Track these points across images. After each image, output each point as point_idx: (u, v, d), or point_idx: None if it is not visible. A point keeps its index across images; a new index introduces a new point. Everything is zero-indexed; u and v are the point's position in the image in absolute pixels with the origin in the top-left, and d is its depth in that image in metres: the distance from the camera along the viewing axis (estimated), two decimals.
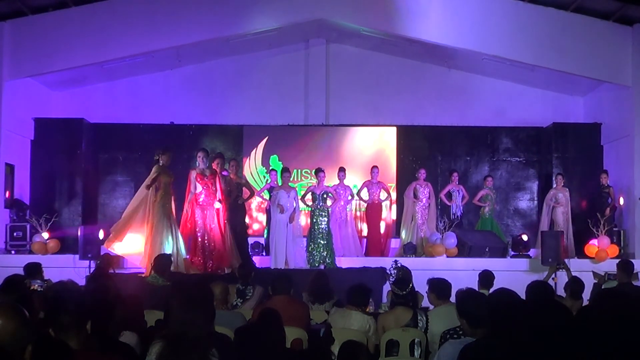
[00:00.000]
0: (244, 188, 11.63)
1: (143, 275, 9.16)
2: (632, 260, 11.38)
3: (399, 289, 5.89)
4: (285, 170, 11.40)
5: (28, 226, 11.69)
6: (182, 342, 3.05)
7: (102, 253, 10.28)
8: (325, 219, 11.29)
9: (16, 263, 8.86)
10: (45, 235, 11.50)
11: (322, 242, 11.10)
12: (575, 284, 7.20)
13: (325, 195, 11.45)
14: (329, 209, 11.50)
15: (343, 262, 11.23)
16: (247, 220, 11.90)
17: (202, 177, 10.29)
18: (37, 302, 4.82)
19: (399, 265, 8.97)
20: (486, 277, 7.39)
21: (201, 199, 10.25)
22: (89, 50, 12.23)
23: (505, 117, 14.13)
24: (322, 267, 10.69)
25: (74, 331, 3.01)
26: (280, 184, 11.41)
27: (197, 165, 10.44)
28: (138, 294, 5.36)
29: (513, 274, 10.32)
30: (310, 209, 11.66)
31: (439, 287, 5.85)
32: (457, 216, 12.83)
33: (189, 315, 3.11)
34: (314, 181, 12.15)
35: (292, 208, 11.02)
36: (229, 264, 10.39)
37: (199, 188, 10.27)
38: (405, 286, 5.93)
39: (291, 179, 11.93)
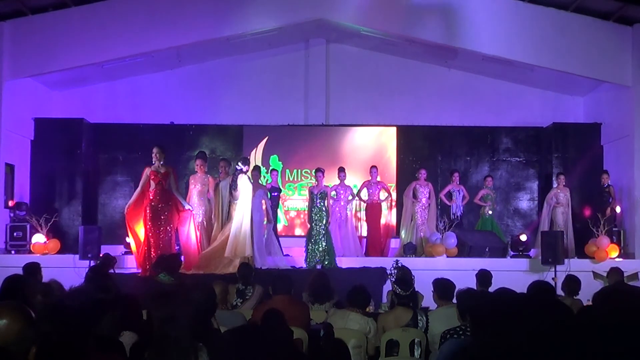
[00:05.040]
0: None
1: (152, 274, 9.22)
2: (632, 260, 11.52)
3: (402, 290, 5.89)
4: (254, 169, 11.31)
5: (28, 226, 11.68)
6: (164, 342, 3.04)
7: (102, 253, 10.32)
8: (324, 218, 11.27)
9: (16, 263, 8.85)
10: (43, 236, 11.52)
11: (321, 242, 11.09)
12: (571, 282, 7.33)
13: (323, 195, 11.43)
14: (328, 209, 11.49)
15: (343, 262, 11.22)
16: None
17: (155, 175, 10.24)
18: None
19: (399, 265, 8.97)
20: (484, 277, 7.38)
21: (155, 198, 10.21)
22: (89, 50, 12.23)
23: (505, 117, 14.12)
24: (319, 267, 10.67)
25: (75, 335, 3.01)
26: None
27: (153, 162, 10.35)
28: (138, 294, 5.36)
29: (513, 274, 10.32)
30: (308, 208, 11.65)
31: (441, 287, 5.86)
32: (457, 216, 12.83)
33: (165, 312, 3.10)
34: (314, 181, 12.15)
35: (259, 208, 10.80)
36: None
37: (152, 186, 10.24)
38: (408, 287, 5.93)
39: (260, 178, 11.52)
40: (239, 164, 10.69)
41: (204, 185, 11.18)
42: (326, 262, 10.95)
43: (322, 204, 11.33)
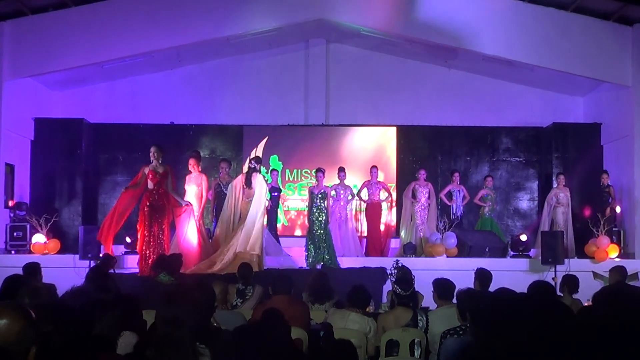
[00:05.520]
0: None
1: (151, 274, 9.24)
2: (632, 260, 11.51)
3: (402, 290, 5.89)
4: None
5: (28, 226, 11.68)
6: (166, 343, 3.04)
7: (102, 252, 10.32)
8: (324, 218, 11.26)
9: (16, 263, 8.85)
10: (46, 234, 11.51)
11: (321, 242, 11.07)
12: (570, 281, 7.37)
13: (324, 195, 11.41)
14: (328, 209, 11.47)
15: (343, 262, 11.20)
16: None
17: (154, 175, 10.19)
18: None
19: (399, 265, 8.96)
20: (484, 276, 7.29)
21: (153, 198, 10.17)
22: (89, 50, 12.23)
23: (505, 117, 14.13)
24: (319, 267, 10.67)
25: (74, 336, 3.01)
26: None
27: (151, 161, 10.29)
28: (138, 294, 5.36)
29: (513, 274, 10.32)
30: (308, 208, 11.65)
31: (441, 287, 5.86)
32: (457, 216, 12.83)
33: (170, 313, 3.10)
34: (315, 181, 12.15)
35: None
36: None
37: (150, 185, 10.19)
38: (408, 287, 5.93)
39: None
40: (252, 162, 10.78)
41: (199, 185, 11.15)
42: (327, 258, 10.91)
43: (322, 204, 11.32)
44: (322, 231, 11.12)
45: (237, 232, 10.40)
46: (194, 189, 11.02)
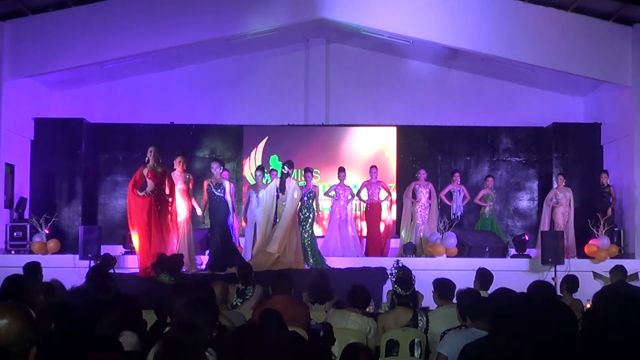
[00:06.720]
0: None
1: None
2: (632, 260, 11.51)
3: (403, 290, 5.89)
4: (257, 169, 11.57)
5: (28, 226, 11.68)
6: (179, 345, 3.04)
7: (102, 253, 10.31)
8: (310, 218, 11.19)
9: (16, 263, 8.85)
10: (46, 232, 11.50)
11: (305, 241, 11.01)
12: (569, 282, 7.40)
13: (311, 195, 11.33)
14: (314, 210, 11.38)
15: (343, 262, 11.19)
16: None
17: (153, 174, 10.14)
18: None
19: (400, 265, 8.95)
20: (485, 277, 7.27)
21: (154, 199, 10.13)
22: (89, 50, 12.23)
23: (505, 117, 14.12)
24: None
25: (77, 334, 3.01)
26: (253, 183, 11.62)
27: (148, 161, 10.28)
28: (137, 294, 5.37)
29: (513, 274, 10.31)
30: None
31: (441, 287, 5.86)
32: (457, 216, 12.82)
33: (191, 316, 3.10)
34: (314, 181, 12.13)
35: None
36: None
37: (150, 186, 10.17)
38: (409, 286, 5.93)
39: (263, 178, 11.81)
40: (285, 167, 10.82)
41: (185, 183, 11.11)
42: (311, 261, 10.84)
43: (309, 203, 11.24)
44: (306, 234, 11.02)
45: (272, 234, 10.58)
46: (182, 188, 11.00)
